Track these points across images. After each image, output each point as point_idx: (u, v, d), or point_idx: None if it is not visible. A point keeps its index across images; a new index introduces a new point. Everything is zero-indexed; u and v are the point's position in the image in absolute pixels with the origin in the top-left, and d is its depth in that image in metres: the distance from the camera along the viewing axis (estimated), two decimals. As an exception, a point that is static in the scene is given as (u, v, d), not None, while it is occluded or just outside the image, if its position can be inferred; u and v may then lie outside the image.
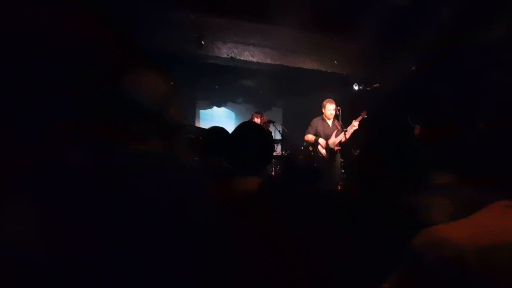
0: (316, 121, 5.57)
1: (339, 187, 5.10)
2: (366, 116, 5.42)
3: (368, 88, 6.85)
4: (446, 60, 5.39)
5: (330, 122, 5.47)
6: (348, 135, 5.29)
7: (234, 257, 1.27)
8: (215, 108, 9.01)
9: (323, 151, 5.37)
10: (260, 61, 6.11)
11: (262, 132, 1.65)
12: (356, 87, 6.92)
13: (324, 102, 5.50)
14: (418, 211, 1.43)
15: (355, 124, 5.34)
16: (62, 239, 0.95)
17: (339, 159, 5.40)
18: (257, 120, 5.68)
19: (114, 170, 1.08)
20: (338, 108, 5.41)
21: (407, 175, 1.66)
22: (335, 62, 6.43)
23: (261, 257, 1.29)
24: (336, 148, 5.32)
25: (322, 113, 5.52)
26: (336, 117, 5.50)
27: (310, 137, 5.54)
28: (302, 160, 1.99)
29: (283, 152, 6.38)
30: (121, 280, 0.97)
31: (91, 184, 1.02)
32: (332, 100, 5.47)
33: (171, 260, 1.04)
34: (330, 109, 5.40)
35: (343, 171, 5.44)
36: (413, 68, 6.24)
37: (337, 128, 5.36)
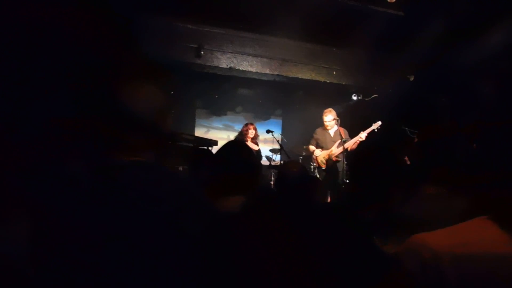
0: (317, 131, 5.56)
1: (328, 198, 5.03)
2: (378, 128, 5.24)
3: (366, 99, 6.86)
4: (444, 69, 5.42)
5: (332, 132, 5.41)
6: (350, 146, 5.14)
7: (234, 256, 1.28)
8: (214, 117, 9.02)
9: (320, 162, 5.36)
10: (258, 71, 6.15)
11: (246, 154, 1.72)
12: (354, 97, 6.94)
13: (323, 112, 5.46)
14: (409, 220, 1.43)
15: (362, 136, 5.18)
16: (61, 236, 0.95)
17: (339, 170, 5.25)
18: (252, 132, 5.71)
19: (114, 168, 1.07)
20: (336, 118, 5.34)
21: (400, 185, 1.66)
22: (333, 72, 6.45)
23: (261, 258, 1.30)
24: (334, 159, 5.24)
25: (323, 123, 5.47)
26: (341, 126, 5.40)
27: (311, 148, 5.57)
28: (295, 172, 1.97)
29: (282, 162, 6.38)
30: (121, 279, 0.96)
31: (91, 182, 1.02)
32: (330, 110, 5.41)
33: (171, 259, 1.03)
34: (326, 120, 5.37)
35: (346, 181, 5.34)
36: (411, 79, 6.27)
37: (341, 138, 5.21)
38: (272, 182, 5.89)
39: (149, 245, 0.99)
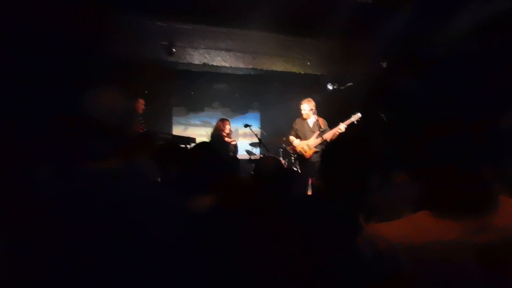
0: (297, 122, 5.54)
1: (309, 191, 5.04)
2: (358, 120, 5.21)
3: (342, 87, 6.91)
4: (416, 55, 5.49)
5: (310, 122, 5.38)
6: (330, 137, 5.09)
7: (236, 254, 1.31)
8: (191, 114, 8.96)
9: (299, 153, 5.36)
10: (232, 65, 6.13)
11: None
12: (330, 87, 6.98)
13: (301, 102, 5.44)
14: (379, 208, 1.44)
15: (341, 128, 5.14)
16: (65, 234, 0.93)
17: (318, 160, 5.22)
18: (228, 127, 5.73)
19: (117, 166, 1.05)
20: (313, 109, 5.32)
21: (374, 174, 1.67)
22: (307, 63, 6.47)
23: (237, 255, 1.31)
24: (313, 150, 5.24)
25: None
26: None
27: (290, 138, 5.55)
28: (271, 167, 1.97)
29: (261, 155, 6.39)
30: (125, 276, 0.95)
31: (95, 179, 1.00)
32: (307, 100, 5.40)
33: (176, 257, 1.02)
34: (304, 109, 5.34)
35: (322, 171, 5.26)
36: (384, 65, 6.33)
37: (320, 128, 5.20)
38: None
39: (154, 243, 0.98)
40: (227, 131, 5.70)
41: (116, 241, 0.99)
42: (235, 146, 5.81)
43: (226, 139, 5.65)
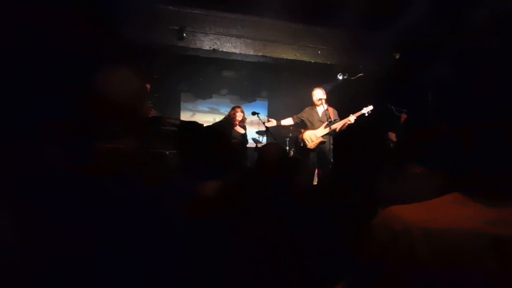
0: (305, 110, 5.49)
1: (315, 181, 5.01)
2: (369, 112, 5.20)
3: (352, 78, 6.84)
4: (430, 48, 5.41)
5: (320, 111, 5.32)
6: (339, 127, 5.03)
7: (225, 256, 1.27)
8: (199, 100, 8.94)
9: (306, 142, 5.32)
10: (242, 52, 6.07)
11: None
12: (340, 77, 6.91)
13: (314, 88, 5.41)
14: (394, 200, 1.43)
15: (351, 119, 5.13)
16: (53, 239, 0.93)
17: (325, 151, 5.20)
18: (240, 115, 5.66)
19: (105, 170, 1.05)
20: (323, 98, 5.25)
21: (386, 165, 1.65)
22: (318, 52, 6.39)
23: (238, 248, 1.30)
24: (320, 139, 5.20)
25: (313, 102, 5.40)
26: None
27: (288, 121, 5.60)
28: (274, 155, 1.93)
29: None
30: (114, 280, 0.95)
31: (82, 184, 1.00)
32: (319, 88, 5.36)
33: (164, 260, 1.02)
34: (316, 94, 5.29)
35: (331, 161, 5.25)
36: (397, 56, 6.25)
37: (329, 118, 5.11)
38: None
39: (143, 247, 0.98)
40: (238, 119, 5.61)
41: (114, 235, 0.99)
42: (244, 136, 5.73)
43: (236, 128, 5.59)
